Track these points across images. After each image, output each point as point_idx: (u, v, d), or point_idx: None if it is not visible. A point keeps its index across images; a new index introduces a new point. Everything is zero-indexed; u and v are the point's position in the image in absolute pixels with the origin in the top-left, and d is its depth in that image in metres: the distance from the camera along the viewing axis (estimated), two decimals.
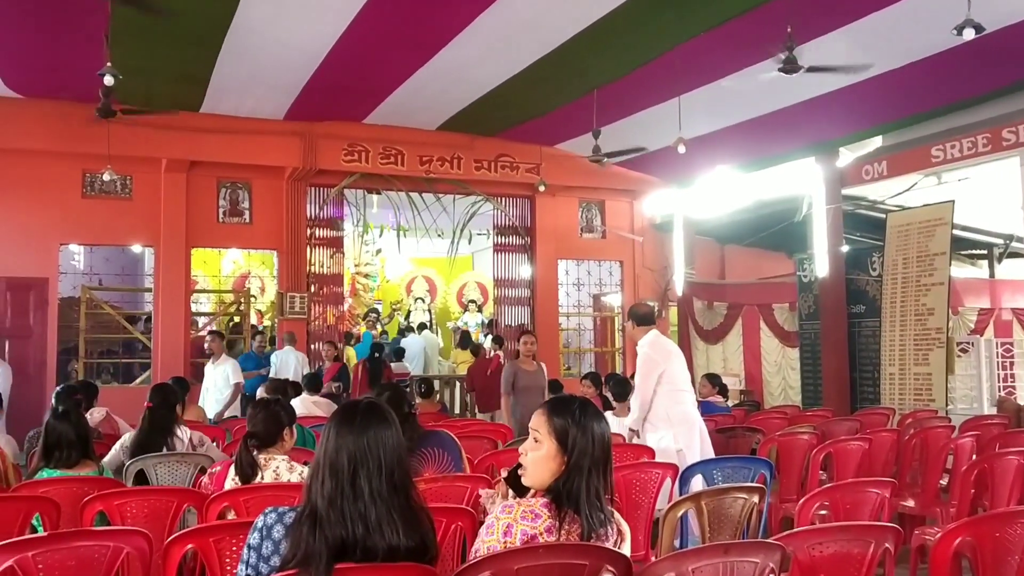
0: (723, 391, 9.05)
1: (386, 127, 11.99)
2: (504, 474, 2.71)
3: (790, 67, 7.38)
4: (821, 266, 10.74)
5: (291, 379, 9.49)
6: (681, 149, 8.79)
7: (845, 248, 10.78)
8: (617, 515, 2.53)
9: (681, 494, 4.57)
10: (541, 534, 2.38)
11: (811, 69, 7.62)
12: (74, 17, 7.62)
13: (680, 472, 4.74)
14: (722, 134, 10.62)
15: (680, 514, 3.78)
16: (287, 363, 10.78)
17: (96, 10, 7.12)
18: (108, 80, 7.02)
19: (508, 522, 2.41)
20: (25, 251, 11.04)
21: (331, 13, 8.01)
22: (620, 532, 2.50)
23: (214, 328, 11.71)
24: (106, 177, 10.36)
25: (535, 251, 13.57)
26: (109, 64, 7.07)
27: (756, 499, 3.93)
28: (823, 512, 3.97)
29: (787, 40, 7.38)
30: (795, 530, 3.04)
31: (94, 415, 6.27)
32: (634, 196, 14.04)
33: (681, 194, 13.44)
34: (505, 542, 2.38)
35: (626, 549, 2.49)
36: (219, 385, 9.32)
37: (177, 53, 9.02)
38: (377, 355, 11.43)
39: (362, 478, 2.26)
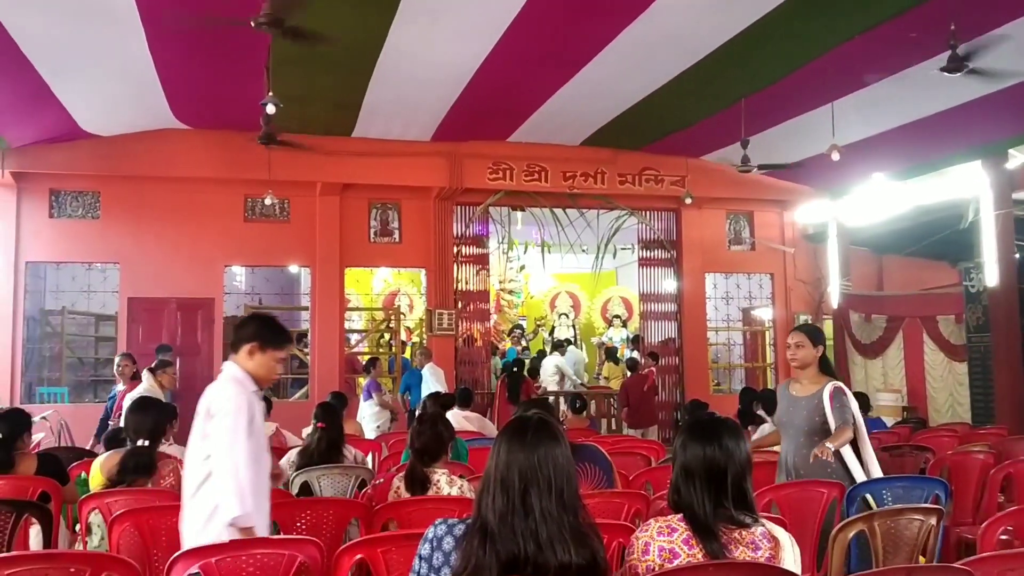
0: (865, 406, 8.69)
1: (530, 144, 12.10)
2: None
3: (954, 66, 7.04)
4: (990, 275, 10.10)
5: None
6: (835, 156, 8.48)
7: (1017, 256, 10.11)
8: (768, 523, 2.56)
9: (848, 514, 4.38)
10: (679, 546, 2.46)
11: (975, 71, 7.23)
12: (237, 52, 8.03)
13: (847, 491, 4.55)
14: (878, 139, 10.17)
15: (852, 535, 3.61)
16: (430, 378, 11.03)
17: (258, 44, 7.49)
18: (270, 109, 7.37)
19: (646, 540, 2.51)
20: (194, 273, 11.73)
21: (477, 34, 8.15)
22: (775, 539, 2.51)
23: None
24: (267, 201, 10.89)
25: (681, 264, 13.36)
26: (271, 94, 7.43)
27: (933, 521, 3.73)
28: (1003, 536, 3.72)
29: (950, 38, 7.04)
30: (984, 555, 2.85)
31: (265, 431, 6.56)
32: (784, 206, 13.63)
33: (834, 203, 12.96)
34: (645, 560, 2.47)
35: (786, 558, 2.50)
36: None
37: (332, 81, 9.38)
38: (516, 369, 11.54)
39: (533, 496, 2.27)
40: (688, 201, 12.09)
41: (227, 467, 3.32)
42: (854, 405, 4.75)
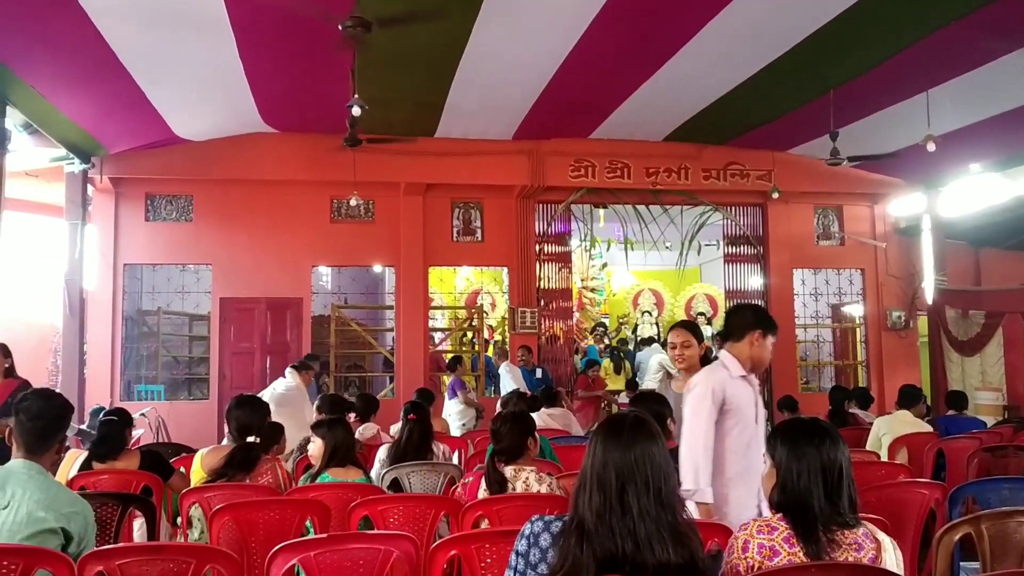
0: (959, 404, 8.40)
1: (612, 141, 12.02)
2: None
3: None
4: None
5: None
6: (931, 147, 8.19)
7: None
8: (870, 526, 2.54)
9: (951, 516, 4.25)
10: (779, 544, 2.45)
11: None
12: (323, 56, 8.16)
13: (949, 493, 4.40)
14: (976, 128, 9.78)
15: (957, 538, 3.49)
16: (507, 377, 11.07)
17: (343, 47, 7.60)
18: (356, 111, 7.45)
19: (745, 538, 2.50)
20: (282, 274, 12.01)
21: (559, 32, 8.12)
22: (877, 541, 2.49)
23: None
24: (352, 202, 11.05)
25: (768, 260, 13.11)
26: (356, 96, 7.53)
27: None
28: None
29: None
30: None
31: (366, 432, 6.67)
32: (875, 200, 13.25)
33: (929, 195, 12.54)
34: (745, 558, 2.46)
35: (887, 560, 2.47)
36: None
37: (415, 82, 9.47)
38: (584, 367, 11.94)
39: (630, 494, 2.25)
40: (775, 196, 11.85)
41: (686, 444, 3.71)
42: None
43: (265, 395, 8.13)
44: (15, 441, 3.18)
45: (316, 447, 4.57)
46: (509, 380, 10.95)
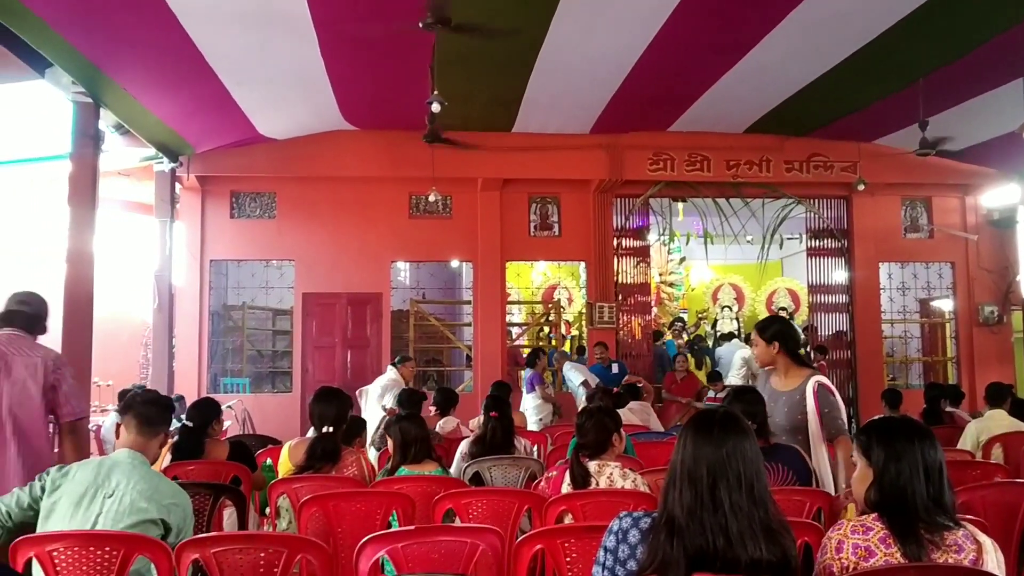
0: None
1: (691, 133, 11.86)
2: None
3: None
4: None
5: None
6: None
7: None
8: (971, 527, 2.47)
9: None
10: (875, 544, 2.39)
11: None
12: (403, 53, 8.24)
13: None
14: None
15: None
16: (572, 372, 11.04)
17: (422, 45, 7.67)
18: (435, 107, 7.49)
19: (839, 539, 2.44)
20: (363, 269, 12.17)
21: (638, 24, 8.03)
22: (978, 542, 2.42)
23: None
24: (431, 198, 11.14)
25: (853, 254, 12.77)
26: (436, 92, 7.58)
27: None
28: None
29: None
30: None
31: (446, 425, 6.73)
32: (965, 191, 12.79)
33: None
34: (839, 559, 2.41)
35: (988, 563, 2.39)
36: None
37: (494, 77, 9.49)
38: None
39: (721, 490, 2.23)
40: (860, 188, 11.54)
41: None
42: (840, 403, 4.45)
43: (370, 387, 8.85)
44: (125, 428, 3.30)
45: (392, 446, 4.61)
46: (577, 374, 10.87)
